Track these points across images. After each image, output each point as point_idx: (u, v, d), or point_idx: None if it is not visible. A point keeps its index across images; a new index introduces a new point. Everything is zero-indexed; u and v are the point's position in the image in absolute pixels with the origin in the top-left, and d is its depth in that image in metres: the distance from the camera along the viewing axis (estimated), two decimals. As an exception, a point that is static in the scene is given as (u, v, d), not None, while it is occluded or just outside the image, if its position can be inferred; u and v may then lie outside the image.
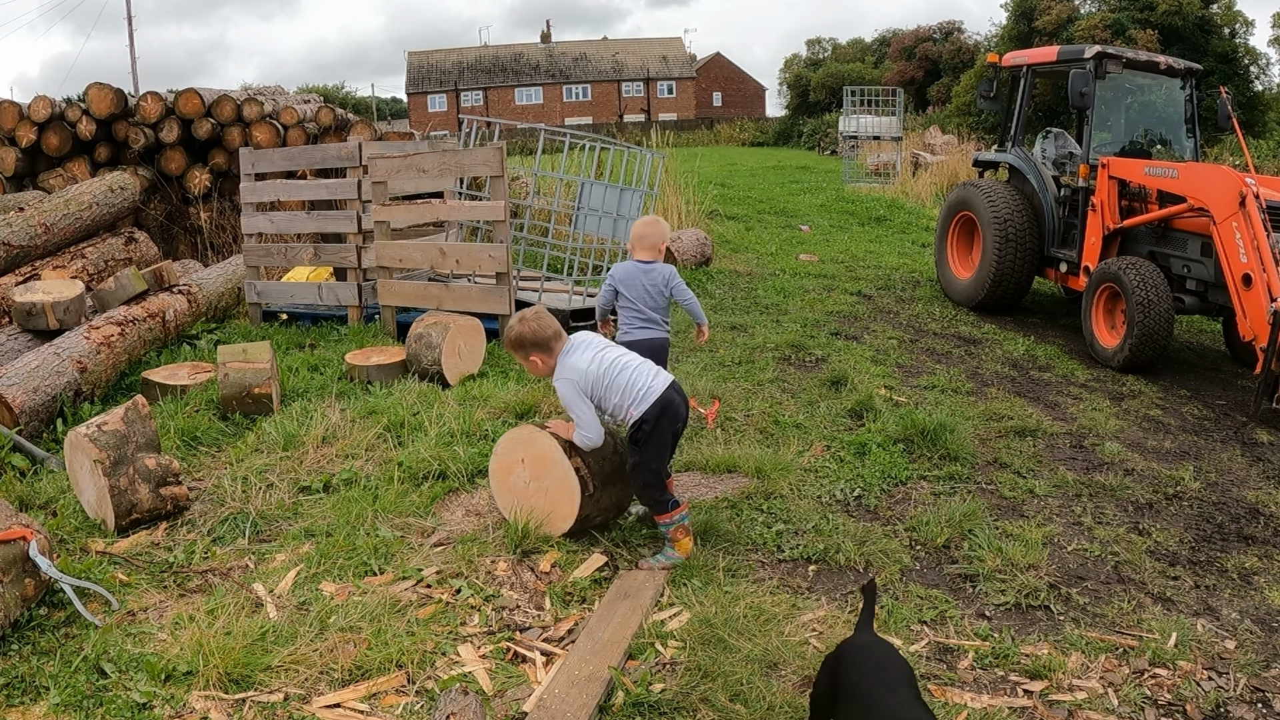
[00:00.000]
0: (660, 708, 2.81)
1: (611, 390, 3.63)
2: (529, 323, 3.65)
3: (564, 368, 3.64)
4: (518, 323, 3.68)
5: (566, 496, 3.72)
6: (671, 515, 3.67)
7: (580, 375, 3.62)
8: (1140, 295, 6.91)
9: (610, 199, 7.30)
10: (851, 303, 9.03)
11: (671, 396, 3.67)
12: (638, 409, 3.61)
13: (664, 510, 3.68)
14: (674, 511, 3.67)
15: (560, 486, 3.73)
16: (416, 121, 53.36)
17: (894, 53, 49.47)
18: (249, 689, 2.86)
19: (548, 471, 3.76)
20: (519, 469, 3.84)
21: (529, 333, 3.64)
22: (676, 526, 3.67)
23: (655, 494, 3.70)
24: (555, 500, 3.75)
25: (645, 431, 3.62)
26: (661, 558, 3.68)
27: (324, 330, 7.30)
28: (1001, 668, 3.12)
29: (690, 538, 3.71)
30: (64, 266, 7.48)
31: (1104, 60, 8.08)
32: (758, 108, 70.30)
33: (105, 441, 3.87)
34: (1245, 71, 31.15)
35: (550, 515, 3.77)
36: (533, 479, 3.80)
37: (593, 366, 3.63)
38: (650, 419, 3.61)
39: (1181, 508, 4.56)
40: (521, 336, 3.65)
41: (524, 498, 3.82)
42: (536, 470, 3.79)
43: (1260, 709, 2.93)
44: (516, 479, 3.85)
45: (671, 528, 3.67)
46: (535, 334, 3.64)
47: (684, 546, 3.67)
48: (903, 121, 23.80)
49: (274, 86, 13.02)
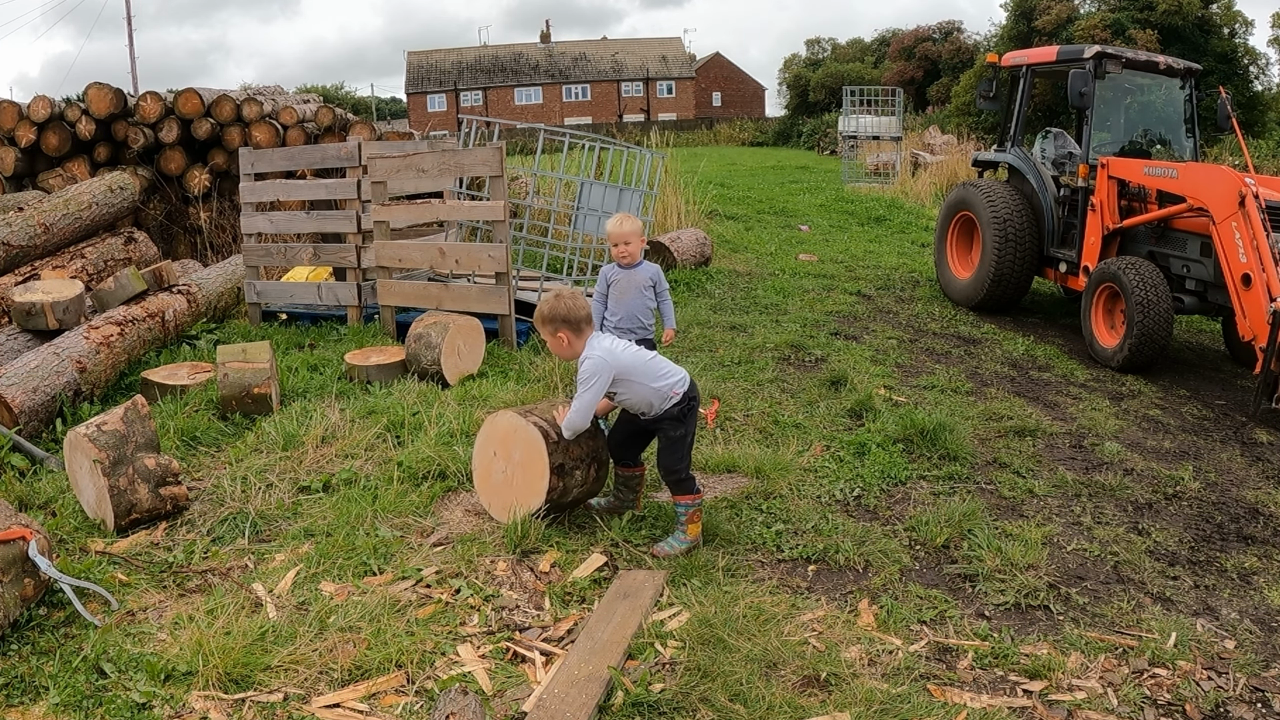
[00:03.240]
0: (660, 708, 2.81)
1: (645, 375, 3.77)
2: (565, 300, 3.76)
3: (596, 347, 3.75)
4: (554, 299, 3.77)
5: (535, 452, 3.79)
6: (695, 498, 3.84)
7: (613, 357, 3.73)
8: (1140, 295, 6.91)
9: (610, 199, 7.30)
10: (851, 303, 9.03)
11: (692, 380, 3.95)
12: (681, 387, 3.81)
13: (690, 490, 3.83)
14: (698, 495, 3.85)
15: (528, 446, 3.82)
16: (416, 121, 53.37)
17: (893, 53, 49.48)
18: (248, 689, 2.86)
19: (514, 443, 3.86)
20: (494, 464, 3.96)
21: (564, 310, 3.74)
22: (695, 509, 3.83)
23: (685, 471, 3.85)
24: (528, 464, 3.83)
25: (689, 408, 3.83)
26: (674, 542, 3.80)
27: (323, 330, 7.30)
28: (1001, 667, 3.12)
29: (699, 523, 3.87)
30: (63, 266, 7.48)
31: (1103, 60, 8.08)
32: (757, 108, 70.31)
33: (105, 441, 3.87)
34: (1245, 71, 31.15)
35: (529, 481, 3.84)
36: (505, 462, 3.91)
37: (625, 355, 3.78)
38: (690, 398, 3.84)
39: (1181, 508, 4.56)
40: (555, 312, 3.75)
41: (507, 487, 3.92)
42: (505, 450, 3.90)
43: (1260, 709, 2.93)
44: (496, 475, 3.96)
45: (691, 510, 3.83)
46: (570, 311, 3.74)
47: (694, 530, 3.84)
48: (902, 121, 23.81)
49: (273, 86, 13.02)
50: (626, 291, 5.00)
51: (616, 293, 5.03)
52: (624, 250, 4.95)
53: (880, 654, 3.15)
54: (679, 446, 3.83)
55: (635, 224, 5.03)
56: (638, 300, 5.01)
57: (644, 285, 5.04)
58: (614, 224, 5.01)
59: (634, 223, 5.03)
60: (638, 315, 5.02)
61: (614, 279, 5.04)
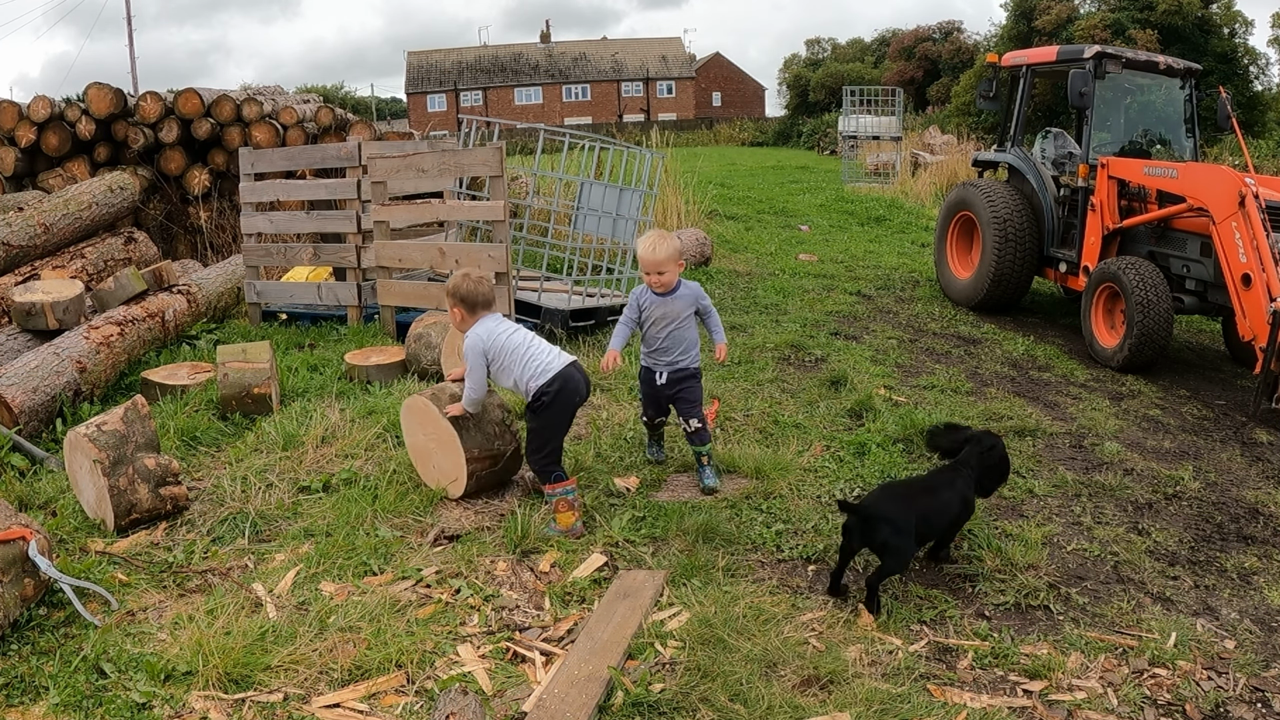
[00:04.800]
0: (660, 708, 2.81)
1: (514, 363, 4.01)
2: (470, 281, 4.07)
3: (479, 327, 4.06)
4: (462, 277, 4.08)
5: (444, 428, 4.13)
6: (555, 487, 3.95)
7: (489, 337, 4.01)
8: (1140, 295, 6.91)
9: (610, 199, 7.30)
10: (851, 302, 9.03)
11: (571, 373, 4.03)
12: (536, 382, 3.98)
13: (549, 480, 3.97)
14: (559, 484, 3.96)
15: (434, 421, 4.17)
16: (416, 121, 53.39)
17: (893, 53, 49.50)
18: (248, 689, 2.86)
19: (427, 420, 4.19)
20: (420, 438, 4.26)
21: (465, 289, 4.06)
22: (560, 499, 3.93)
23: (544, 461, 4.00)
24: (443, 435, 4.14)
25: (544, 403, 3.98)
26: (548, 529, 3.95)
27: (323, 330, 7.30)
28: (1001, 667, 3.12)
29: (574, 513, 3.93)
30: (63, 266, 7.48)
31: (1103, 60, 8.08)
32: (757, 108, 70.32)
33: (105, 441, 3.87)
34: (1245, 71, 31.18)
35: (449, 452, 4.14)
36: (427, 436, 4.22)
37: (502, 337, 4.02)
38: (550, 392, 3.96)
39: (1181, 508, 4.56)
40: (457, 289, 4.08)
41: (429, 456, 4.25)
42: (424, 424, 4.21)
43: (1260, 709, 2.93)
44: (423, 445, 4.27)
45: (555, 499, 3.94)
46: (469, 293, 4.06)
47: (564, 520, 3.92)
48: (902, 121, 23.81)
49: (273, 86, 13.02)
50: (664, 321, 4.36)
51: (653, 322, 4.37)
52: (658, 281, 4.30)
53: (880, 654, 3.15)
54: (534, 438, 4.01)
55: (670, 247, 4.27)
56: (679, 331, 4.37)
57: (682, 314, 4.35)
58: (646, 249, 4.26)
59: (669, 245, 4.27)
60: (680, 345, 4.39)
61: (648, 306, 4.36)
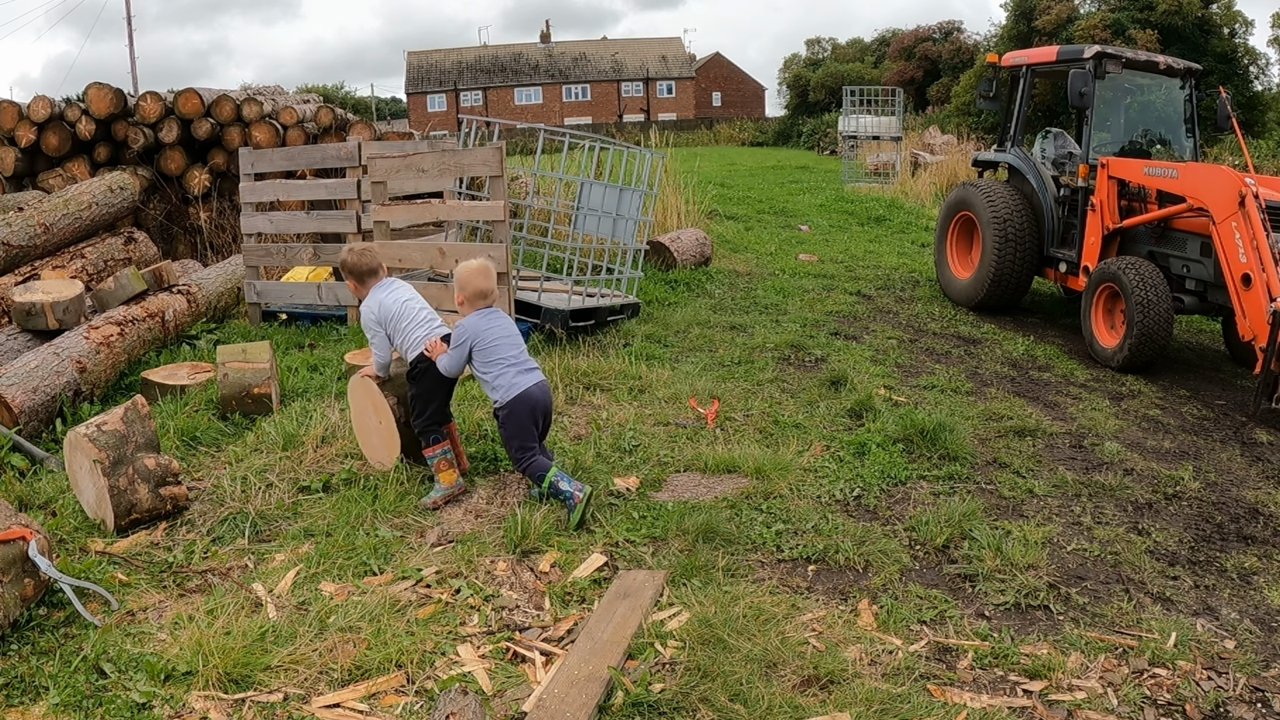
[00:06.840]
0: (660, 708, 2.81)
1: (396, 331, 4.32)
2: (355, 253, 4.44)
3: (371, 299, 4.36)
4: (348, 250, 4.46)
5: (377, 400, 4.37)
6: (434, 449, 4.23)
7: (378, 307, 4.32)
8: (1140, 295, 6.91)
9: (610, 199, 7.30)
10: (851, 302, 9.03)
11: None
12: (413, 352, 4.28)
13: (429, 444, 4.23)
14: (436, 446, 4.23)
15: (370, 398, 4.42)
16: (416, 121, 53.38)
17: (893, 53, 49.47)
18: (248, 689, 2.86)
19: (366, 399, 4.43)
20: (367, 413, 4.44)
21: (352, 261, 4.42)
22: (440, 459, 4.21)
23: (424, 424, 4.25)
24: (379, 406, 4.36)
25: (420, 369, 4.27)
26: (434, 493, 4.17)
27: (323, 330, 7.31)
28: (1001, 667, 3.12)
29: (453, 470, 4.23)
30: (63, 266, 7.48)
31: (1103, 60, 8.08)
32: (757, 108, 70.28)
33: (105, 441, 3.87)
34: (1245, 71, 31.14)
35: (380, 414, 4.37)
36: (368, 412, 4.43)
37: (393, 307, 4.31)
38: (423, 362, 4.25)
39: (1181, 508, 4.56)
40: (345, 262, 4.44)
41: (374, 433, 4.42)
42: (366, 402, 4.43)
43: (1260, 709, 2.93)
44: (369, 423, 4.44)
45: (435, 459, 4.21)
46: (355, 264, 4.41)
47: (445, 478, 4.20)
48: (902, 121, 23.79)
49: (273, 86, 13.02)
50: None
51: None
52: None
53: (880, 654, 3.15)
54: (416, 403, 4.28)
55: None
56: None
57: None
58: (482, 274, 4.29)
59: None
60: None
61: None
